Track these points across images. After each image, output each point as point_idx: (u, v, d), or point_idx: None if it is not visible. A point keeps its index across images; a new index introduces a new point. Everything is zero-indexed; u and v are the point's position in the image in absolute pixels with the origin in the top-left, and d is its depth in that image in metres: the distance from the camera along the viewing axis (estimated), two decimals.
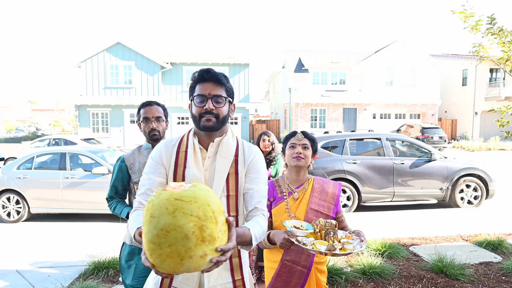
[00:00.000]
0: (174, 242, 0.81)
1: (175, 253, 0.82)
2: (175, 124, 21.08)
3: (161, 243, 0.82)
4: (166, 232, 0.81)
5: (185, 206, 0.83)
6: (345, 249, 1.38)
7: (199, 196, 0.87)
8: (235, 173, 1.30)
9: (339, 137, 6.53)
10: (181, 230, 0.81)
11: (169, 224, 0.81)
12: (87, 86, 20.03)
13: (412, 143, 6.73)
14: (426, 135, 16.90)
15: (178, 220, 0.82)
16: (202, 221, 0.84)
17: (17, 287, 3.28)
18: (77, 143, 13.36)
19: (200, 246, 0.83)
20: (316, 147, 1.80)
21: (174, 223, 0.81)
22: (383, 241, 4.01)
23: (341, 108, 22.39)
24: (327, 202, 1.72)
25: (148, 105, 2.07)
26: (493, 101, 22.64)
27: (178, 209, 0.82)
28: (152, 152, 1.34)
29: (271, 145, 3.44)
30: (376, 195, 6.23)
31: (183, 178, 1.27)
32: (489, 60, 3.13)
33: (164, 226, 0.82)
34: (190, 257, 0.83)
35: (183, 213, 0.82)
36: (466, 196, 6.36)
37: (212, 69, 1.29)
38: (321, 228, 1.47)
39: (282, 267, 1.64)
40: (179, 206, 0.83)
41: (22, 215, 5.93)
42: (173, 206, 0.83)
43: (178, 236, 0.81)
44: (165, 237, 0.81)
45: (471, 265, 3.50)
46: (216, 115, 1.27)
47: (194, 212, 0.83)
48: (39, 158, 6.21)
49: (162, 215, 0.82)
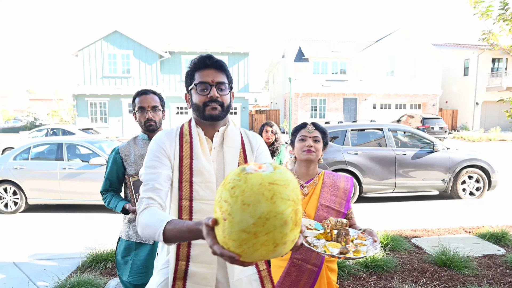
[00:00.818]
0: (273, 229, 0.75)
1: (271, 240, 0.76)
2: (174, 114, 20.93)
3: (258, 232, 0.75)
4: (265, 220, 0.74)
5: (281, 190, 0.76)
6: (359, 251, 1.30)
7: (290, 178, 0.80)
8: (245, 162, 1.25)
9: (341, 127, 6.43)
10: (281, 216, 0.75)
11: (268, 211, 0.74)
12: (84, 76, 19.79)
13: (414, 133, 6.64)
14: (426, 126, 16.81)
15: (278, 206, 0.75)
16: (297, 205, 0.79)
17: (13, 279, 3.23)
18: (75, 133, 13.26)
19: (293, 231, 0.79)
20: (327, 139, 1.70)
21: (274, 210, 0.74)
22: (385, 233, 3.96)
23: (341, 98, 22.21)
24: (338, 197, 1.64)
25: (144, 93, 1.96)
26: (494, 91, 22.50)
27: (276, 194, 0.75)
28: (151, 144, 1.23)
29: (274, 135, 3.34)
30: (378, 186, 6.17)
31: (191, 170, 1.19)
32: (499, 48, 3.02)
33: (263, 213, 0.74)
34: (284, 243, 0.78)
35: (282, 198, 0.76)
36: (468, 187, 6.30)
37: (212, 55, 1.21)
38: (332, 228, 1.38)
39: (291, 265, 1.57)
40: (276, 191, 0.76)
41: (20, 206, 5.87)
42: (270, 191, 0.75)
43: (278, 223, 0.75)
44: (263, 225, 0.74)
45: (474, 258, 3.46)
46: (221, 103, 1.20)
47: (291, 196, 0.77)
48: (36, 149, 6.11)
49: (258, 202, 0.75)
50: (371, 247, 1.32)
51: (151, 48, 19.70)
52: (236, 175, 0.80)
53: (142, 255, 1.86)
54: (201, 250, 1.15)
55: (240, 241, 0.77)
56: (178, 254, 1.15)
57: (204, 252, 1.14)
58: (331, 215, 1.57)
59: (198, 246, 1.15)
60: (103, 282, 3.03)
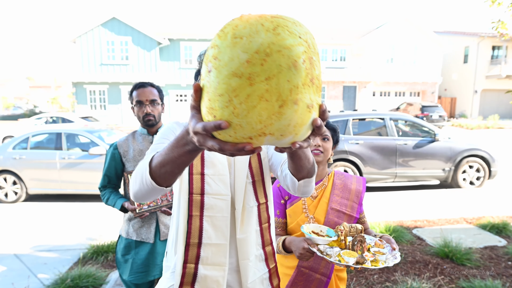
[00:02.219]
0: (277, 72, 0.52)
1: (274, 92, 0.52)
2: (174, 102, 20.76)
3: (254, 74, 0.51)
4: (265, 56, 0.51)
5: (289, 24, 0.54)
6: (377, 261, 1.18)
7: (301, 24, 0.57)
8: (257, 155, 1.14)
9: (342, 116, 6.37)
10: (289, 53, 0.52)
11: (269, 43, 0.52)
12: (83, 63, 19.51)
13: (415, 123, 6.58)
14: (425, 114, 16.74)
15: (283, 38, 0.52)
16: (311, 52, 0.55)
17: (14, 271, 3.23)
18: (74, 121, 13.17)
19: (308, 89, 0.55)
20: (338, 137, 1.55)
21: (278, 43, 0.52)
22: (387, 224, 3.95)
23: (341, 85, 22.02)
24: (350, 200, 1.51)
25: (141, 86, 1.86)
26: (493, 79, 22.37)
27: (281, 26, 0.53)
28: (162, 129, 1.10)
29: None
30: (378, 176, 6.16)
31: (202, 161, 1.09)
32: (509, 37, 2.94)
33: (262, 46, 0.51)
34: (295, 102, 0.53)
35: (289, 31, 0.53)
36: (469, 176, 6.30)
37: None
38: (346, 235, 1.27)
39: (298, 274, 1.45)
40: (281, 23, 0.54)
41: (20, 195, 5.85)
42: (273, 23, 0.53)
43: (283, 62, 0.52)
44: (262, 63, 0.51)
45: (476, 249, 3.46)
46: None
47: (303, 36, 0.55)
48: (34, 138, 6.05)
49: (256, 33, 0.52)
50: (390, 256, 1.21)
51: (149, 35, 19.37)
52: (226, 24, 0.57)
53: (143, 254, 1.83)
54: (213, 251, 1.07)
55: (229, 95, 0.53)
56: (186, 256, 1.06)
57: (216, 252, 1.07)
58: (342, 219, 1.47)
59: (209, 247, 1.07)
60: (104, 274, 3.03)
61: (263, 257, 1.17)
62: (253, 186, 1.13)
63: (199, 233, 1.06)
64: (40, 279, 3.06)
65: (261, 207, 1.15)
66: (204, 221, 1.07)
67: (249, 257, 1.11)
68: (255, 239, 1.14)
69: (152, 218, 1.87)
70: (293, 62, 0.52)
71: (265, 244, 1.18)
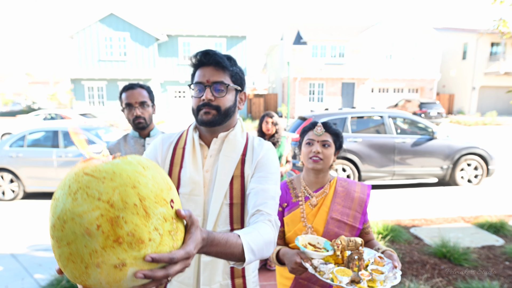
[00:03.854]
0: (73, 239, 0.55)
1: (77, 256, 0.56)
2: (172, 98, 20.68)
3: (59, 238, 0.57)
4: (63, 223, 0.56)
5: (92, 184, 0.56)
6: (374, 281, 1.07)
7: (121, 172, 0.58)
8: (241, 176, 1.07)
9: (341, 114, 6.35)
10: (80, 221, 0.55)
11: (66, 210, 0.55)
12: (80, 59, 19.39)
13: (414, 120, 6.57)
14: (424, 110, 16.75)
15: (78, 205, 0.55)
16: (117, 211, 0.56)
17: (10, 271, 3.21)
18: (72, 118, 13.13)
19: (112, 250, 0.56)
20: (341, 142, 1.43)
21: (72, 210, 0.55)
22: (385, 224, 3.95)
23: (339, 82, 21.98)
24: (352, 210, 1.40)
25: (130, 88, 1.81)
26: (492, 76, 22.39)
27: (82, 188, 0.56)
28: (147, 149, 1.15)
29: (274, 126, 3.25)
30: (376, 174, 6.16)
31: (178, 180, 1.07)
32: (510, 35, 2.91)
33: (61, 213, 0.56)
34: (97, 265, 0.56)
35: (87, 194, 0.55)
36: (466, 175, 6.30)
37: (212, 50, 1.04)
38: (344, 249, 1.17)
39: (296, 286, 1.38)
40: (84, 184, 0.56)
41: (17, 194, 5.82)
42: (78, 184, 0.56)
43: (77, 229, 0.55)
44: (61, 229, 0.56)
45: (474, 249, 3.46)
46: (216, 107, 1.03)
47: (105, 196, 0.56)
48: (31, 136, 6.01)
49: (62, 196, 0.57)
50: (391, 275, 1.10)
51: (147, 31, 19.23)
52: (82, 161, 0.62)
53: None
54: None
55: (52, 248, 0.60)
56: None
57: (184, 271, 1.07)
58: (343, 230, 1.37)
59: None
60: None
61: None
62: (229, 208, 1.06)
63: None
64: (36, 280, 3.04)
65: None
66: None
67: (211, 285, 1.05)
68: (222, 266, 1.07)
69: None
70: (85, 229, 0.55)
71: (235, 275, 1.09)
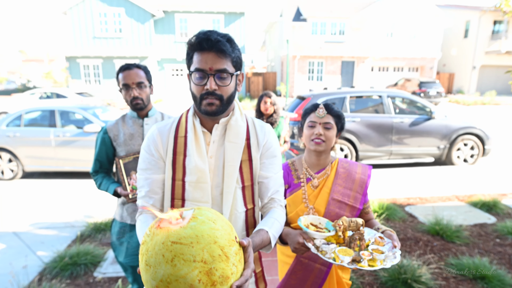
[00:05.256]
0: None
1: None
2: (170, 77, 20.41)
3: None
4: (167, 284, 0.69)
5: (185, 251, 0.69)
6: (375, 260, 1.11)
7: (202, 234, 0.72)
8: (249, 160, 1.12)
9: (339, 94, 6.31)
10: (184, 280, 0.69)
11: (169, 275, 0.69)
12: (75, 36, 18.92)
13: (413, 100, 6.54)
14: (423, 90, 16.64)
15: (179, 269, 0.69)
16: (209, 264, 0.71)
17: (14, 249, 3.28)
18: (67, 97, 12.98)
19: None
20: (343, 124, 1.44)
21: (175, 274, 0.69)
22: (381, 202, 4.02)
23: (339, 61, 21.68)
24: (353, 191, 1.42)
25: (127, 69, 1.78)
26: (493, 55, 22.14)
27: (178, 256, 0.69)
28: (144, 142, 1.14)
29: (272, 106, 3.23)
30: (374, 153, 6.20)
31: (183, 168, 1.08)
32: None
33: (163, 277, 0.69)
34: None
35: (184, 260, 0.69)
36: (463, 154, 6.36)
37: (213, 34, 1.00)
38: (345, 229, 1.20)
39: (297, 264, 1.42)
40: (178, 252, 0.69)
41: (16, 173, 5.85)
42: (171, 252, 0.69)
43: (182, 286, 0.69)
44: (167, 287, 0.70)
45: (466, 226, 3.55)
46: (220, 96, 1.03)
47: (198, 257, 0.70)
48: (27, 115, 5.97)
49: (159, 264, 0.70)
50: (390, 254, 1.13)
51: (143, 6, 18.69)
52: (149, 228, 0.75)
53: (137, 238, 1.85)
54: None
55: None
56: None
57: None
58: (344, 211, 1.39)
59: None
60: (102, 252, 3.08)
61: None
62: (242, 191, 1.12)
63: None
64: (39, 257, 3.11)
65: (249, 213, 1.14)
66: None
67: None
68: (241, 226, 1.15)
69: None
70: (189, 285, 0.69)
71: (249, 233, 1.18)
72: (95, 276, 2.78)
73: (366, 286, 2.57)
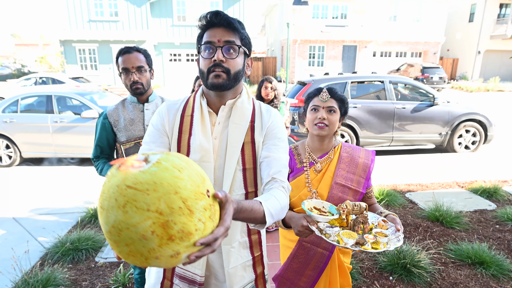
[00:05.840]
0: (131, 242, 0.63)
1: (136, 252, 0.64)
2: (167, 62, 20.13)
3: (116, 241, 0.64)
4: (119, 231, 0.63)
5: (139, 197, 0.62)
6: (378, 243, 1.12)
7: (161, 181, 0.64)
8: (251, 142, 1.11)
9: (341, 79, 6.22)
10: (135, 230, 0.62)
11: (120, 221, 0.62)
12: (70, 19, 18.54)
13: (415, 86, 6.46)
14: (426, 75, 16.46)
15: (130, 217, 0.62)
16: (166, 216, 0.63)
17: (15, 234, 3.29)
18: (65, 82, 12.81)
19: (167, 246, 0.64)
20: (346, 108, 1.44)
21: (126, 221, 0.62)
22: (381, 189, 4.01)
23: (340, 45, 21.35)
24: (356, 175, 1.42)
25: (126, 52, 1.73)
26: (498, 39, 21.79)
27: (130, 202, 0.62)
28: (153, 117, 1.15)
29: (273, 91, 3.18)
30: (375, 140, 6.17)
31: (188, 147, 1.09)
32: None
33: (115, 223, 0.63)
34: (156, 257, 0.65)
35: (136, 207, 0.62)
36: (464, 141, 6.33)
37: (222, 12, 1.04)
38: (349, 213, 1.21)
39: (299, 248, 1.43)
40: (131, 198, 0.62)
41: (14, 159, 5.82)
42: (124, 197, 0.62)
43: (134, 236, 0.62)
44: (118, 235, 0.63)
45: (466, 213, 3.55)
46: (227, 69, 1.03)
47: (153, 206, 0.62)
48: (24, 101, 5.90)
49: (111, 208, 0.63)
50: (393, 237, 1.14)
51: None
52: (111, 169, 0.68)
53: None
54: None
55: (110, 244, 0.68)
56: None
57: None
58: (347, 195, 1.40)
59: None
60: (103, 238, 3.09)
61: (248, 244, 1.18)
62: (243, 173, 1.10)
63: None
64: (41, 242, 3.12)
65: (249, 196, 1.13)
66: None
67: (232, 243, 1.13)
68: (240, 226, 1.15)
69: None
70: (141, 235, 0.62)
71: (251, 232, 1.18)
72: (97, 261, 2.79)
73: (365, 271, 2.58)
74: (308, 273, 1.43)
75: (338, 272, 1.47)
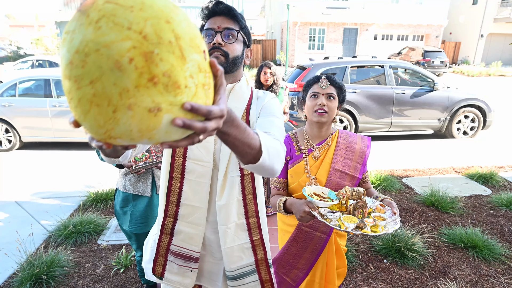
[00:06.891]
0: (99, 75, 0.45)
1: (103, 97, 0.46)
2: None
3: (78, 77, 0.46)
4: (85, 56, 0.45)
5: (119, 12, 0.46)
6: (377, 226, 1.18)
7: (153, 4, 0.48)
8: (247, 123, 1.11)
9: (340, 64, 6.17)
10: (108, 52, 0.45)
11: (88, 41, 0.45)
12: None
13: (415, 71, 6.42)
14: (427, 59, 16.26)
15: (103, 34, 0.45)
16: (151, 45, 0.46)
17: (18, 218, 3.35)
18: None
19: (146, 91, 0.47)
20: (344, 95, 1.48)
21: (96, 40, 0.45)
22: (378, 174, 4.06)
23: (341, 28, 21.02)
24: (353, 161, 1.47)
25: None
26: (501, 22, 21.47)
27: (106, 16, 0.46)
28: None
29: (272, 77, 3.17)
30: (374, 125, 6.18)
31: None
32: None
33: (80, 45, 0.46)
34: (128, 107, 0.47)
35: (114, 23, 0.45)
36: (463, 127, 6.35)
37: (223, 2, 1.10)
38: (348, 198, 1.26)
39: (298, 232, 1.48)
40: (108, 12, 0.46)
41: (14, 144, 5.84)
42: (99, 12, 0.46)
43: (104, 63, 0.45)
44: (82, 65, 0.46)
45: (461, 198, 3.61)
46: (225, 52, 1.06)
47: (136, 26, 0.46)
48: (22, 85, 5.85)
49: (79, 27, 0.46)
50: (391, 221, 1.20)
51: None
52: None
53: (141, 207, 1.89)
54: (190, 211, 1.14)
55: (67, 97, 0.50)
56: (166, 211, 1.16)
57: (193, 213, 1.14)
58: (344, 180, 1.45)
59: (187, 207, 1.14)
60: (104, 221, 3.15)
61: (246, 227, 1.19)
62: None
63: (178, 193, 1.14)
64: (44, 226, 3.18)
65: (245, 178, 1.16)
66: (184, 183, 1.13)
67: (228, 224, 1.15)
68: (236, 208, 1.16)
69: (148, 173, 1.89)
70: (114, 62, 0.45)
71: (249, 215, 1.19)
72: (99, 243, 2.86)
73: (360, 254, 2.66)
74: (306, 256, 1.49)
75: (335, 254, 1.53)
